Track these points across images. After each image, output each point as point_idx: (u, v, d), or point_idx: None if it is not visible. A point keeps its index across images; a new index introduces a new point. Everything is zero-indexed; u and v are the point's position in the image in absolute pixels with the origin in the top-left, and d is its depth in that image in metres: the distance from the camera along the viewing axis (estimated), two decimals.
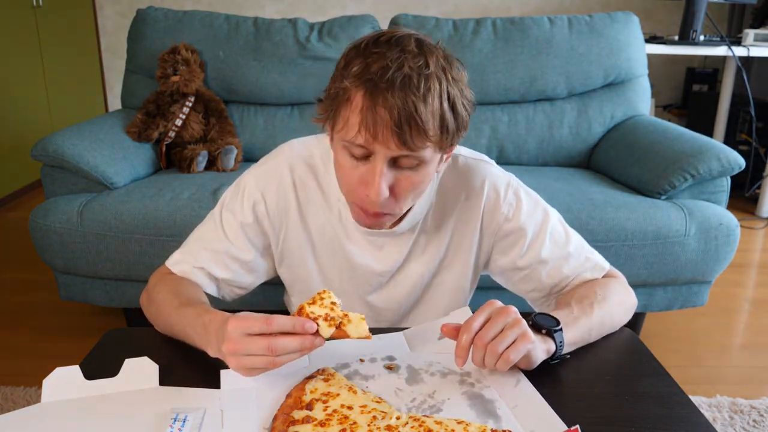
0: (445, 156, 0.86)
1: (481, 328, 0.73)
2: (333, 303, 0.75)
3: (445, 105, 0.76)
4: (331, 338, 0.74)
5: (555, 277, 0.96)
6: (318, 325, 0.72)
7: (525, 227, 0.96)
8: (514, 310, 0.75)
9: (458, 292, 1.02)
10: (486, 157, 1.00)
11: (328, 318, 0.73)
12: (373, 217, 0.85)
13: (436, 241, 0.98)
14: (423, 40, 0.78)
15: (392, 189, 0.81)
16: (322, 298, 0.75)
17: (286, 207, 0.96)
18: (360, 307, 1.02)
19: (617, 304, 0.91)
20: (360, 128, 0.75)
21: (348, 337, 0.74)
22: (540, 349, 0.76)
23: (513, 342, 0.72)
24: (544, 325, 0.79)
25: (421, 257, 0.99)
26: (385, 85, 0.73)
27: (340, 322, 0.73)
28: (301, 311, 0.73)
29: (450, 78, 0.77)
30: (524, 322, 0.75)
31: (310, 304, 0.74)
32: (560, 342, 0.79)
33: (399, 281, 1.00)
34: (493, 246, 0.99)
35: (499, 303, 0.76)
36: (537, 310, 0.99)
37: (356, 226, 0.94)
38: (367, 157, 0.79)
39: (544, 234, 0.96)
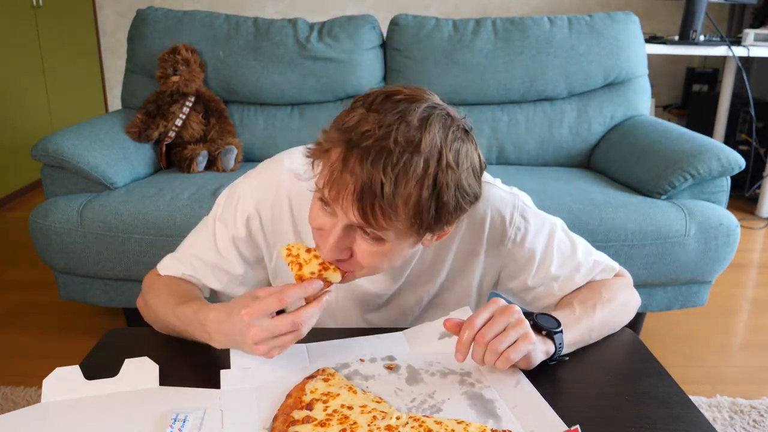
0: (432, 238, 0.78)
1: (483, 326, 0.73)
2: (308, 250, 0.75)
3: (425, 192, 0.68)
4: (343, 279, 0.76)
5: (568, 288, 0.94)
6: (325, 279, 0.73)
7: (534, 248, 0.93)
8: (517, 310, 0.75)
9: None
10: (488, 177, 0.92)
11: (326, 266, 0.74)
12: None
13: (436, 266, 0.95)
14: (433, 113, 0.70)
15: (352, 250, 0.75)
16: (297, 256, 0.74)
17: (281, 225, 0.92)
18: (359, 324, 1.00)
19: (621, 304, 0.91)
20: (326, 184, 0.70)
21: None
22: (539, 350, 0.76)
23: (514, 342, 0.73)
24: (544, 326, 0.79)
25: (419, 281, 0.96)
26: (360, 152, 0.66)
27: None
28: (302, 280, 0.74)
29: (444, 163, 0.68)
30: (527, 322, 0.75)
31: (300, 267, 0.73)
32: (560, 344, 0.78)
33: (397, 303, 0.98)
34: (501, 269, 0.97)
35: (502, 301, 0.76)
36: None
37: None
38: (332, 209, 0.73)
39: (552, 250, 0.93)
